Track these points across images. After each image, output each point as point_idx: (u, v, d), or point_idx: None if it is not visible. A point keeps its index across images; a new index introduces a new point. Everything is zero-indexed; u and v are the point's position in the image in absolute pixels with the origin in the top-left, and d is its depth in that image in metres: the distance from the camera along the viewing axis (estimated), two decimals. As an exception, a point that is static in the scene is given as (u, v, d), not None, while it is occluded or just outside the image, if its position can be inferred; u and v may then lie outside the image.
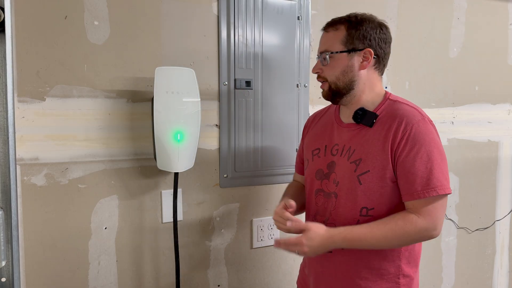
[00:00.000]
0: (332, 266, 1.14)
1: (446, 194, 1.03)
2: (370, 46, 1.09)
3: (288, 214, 1.07)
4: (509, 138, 2.02)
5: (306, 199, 1.24)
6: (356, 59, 1.10)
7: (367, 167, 1.06)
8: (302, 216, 1.61)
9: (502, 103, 1.99)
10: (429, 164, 1.01)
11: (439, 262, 1.92)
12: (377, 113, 1.10)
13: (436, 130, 1.08)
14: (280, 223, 1.09)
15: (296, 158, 1.38)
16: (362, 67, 1.10)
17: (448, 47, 1.84)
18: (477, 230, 1.99)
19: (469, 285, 2.01)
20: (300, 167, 1.34)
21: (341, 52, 1.09)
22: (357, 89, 1.11)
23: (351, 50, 1.09)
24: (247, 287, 1.55)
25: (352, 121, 1.13)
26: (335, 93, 1.12)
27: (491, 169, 2.00)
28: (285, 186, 1.53)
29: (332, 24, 1.13)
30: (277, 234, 1.56)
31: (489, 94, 1.95)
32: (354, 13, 1.13)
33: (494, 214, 2.03)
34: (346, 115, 1.16)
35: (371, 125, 1.09)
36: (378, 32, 1.11)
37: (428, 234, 1.03)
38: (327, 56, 1.10)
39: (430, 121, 1.07)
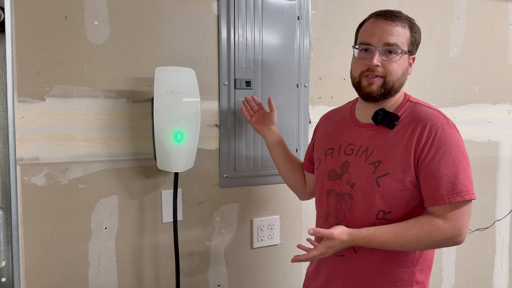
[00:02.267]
0: (344, 270, 1.11)
1: (471, 200, 1.00)
2: (414, 53, 1.11)
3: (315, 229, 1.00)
4: (509, 138, 2.02)
5: (317, 200, 1.22)
6: (409, 63, 1.09)
7: (386, 170, 1.03)
8: (311, 215, 1.61)
9: (502, 103, 1.99)
10: (455, 169, 0.98)
11: (439, 262, 1.92)
12: (398, 114, 1.07)
13: (459, 134, 1.05)
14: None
15: (305, 154, 1.36)
16: (409, 71, 1.11)
17: (448, 47, 1.84)
18: (477, 230, 1.99)
19: (469, 285, 2.01)
20: (307, 164, 1.33)
21: (407, 53, 1.06)
22: (400, 92, 1.11)
23: (410, 53, 1.08)
24: (247, 287, 1.55)
25: (371, 121, 1.10)
26: (387, 92, 1.06)
27: (491, 169, 2.00)
28: (285, 186, 1.53)
29: (398, 18, 1.05)
30: (277, 234, 1.56)
31: (489, 94, 1.95)
32: (408, 15, 1.09)
33: (494, 214, 2.03)
34: (364, 115, 1.13)
35: (392, 127, 1.06)
36: (420, 40, 1.13)
37: (454, 240, 1.00)
38: (400, 53, 1.04)
39: (454, 125, 1.05)
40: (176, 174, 1.30)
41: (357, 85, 1.09)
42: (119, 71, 1.30)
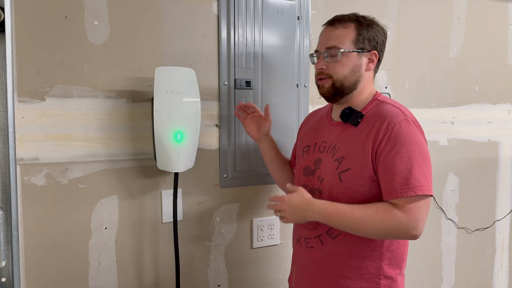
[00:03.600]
0: (313, 262, 1.16)
1: (427, 196, 1.02)
2: (375, 49, 1.12)
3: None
4: (509, 138, 2.02)
5: None
6: (364, 60, 1.11)
7: (348, 165, 1.08)
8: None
9: (502, 103, 1.99)
10: (409, 164, 1.01)
11: (439, 262, 1.92)
12: (363, 112, 1.11)
13: (421, 131, 1.08)
14: None
15: (291, 153, 1.42)
16: (368, 68, 1.12)
17: (448, 47, 1.84)
18: (477, 230, 1.99)
19: (469, 285, 2.01)
20: (293, 162, 1.39)
21: (352, 51, 1.09)
22: (358, 89, 1.13)
23: (360, 50, 1.10)
24: (247, 287, 1.55)
25: (340, 120, 1.15)
26: (338, 91, 1.12)
27: (491, 169, 2.00)
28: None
29: (340, 21, 1.11)
30: (277, 234, 1.56)
31: (489, 94, 1.95)
32: (359, 14, 1.13)
33: (494, 214, 2.03)
34: (336, 114, 1.18)
35: (356, 124, 1.10)
36: (382, 35, 1.14)
37: (408, 232, 1.02)
38: (339, 53, 1.09)
39: (415, 122, 1.08)
40: (176, 174, 1.30)
41: (317, 87, 1.17)
42: (119, 71, 1.30)
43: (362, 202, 1.07)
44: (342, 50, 1.09)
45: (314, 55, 1.17)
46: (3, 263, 0.96)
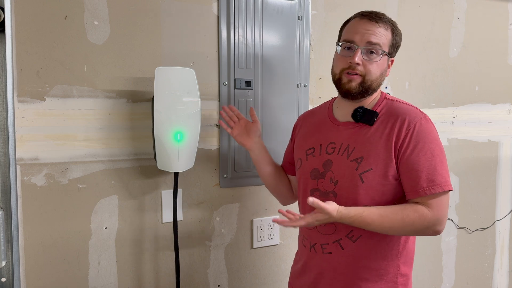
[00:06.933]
0: (332, 267, 1.13)
1: (449, 191, 1.04)
2: (393, 56, 1.12)
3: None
4: (509, 138, 2.02)
5: (301, 199, 1.23)
6: (388, 64, 1.12)
7: (369, 165, 1.06)
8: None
9: (502, 103, 1.99)
10: (433, 161, 1.02)
11: (439, 262, 1.92)
12: (377, 111, 1.10)
13: (435, 128, 1.09)
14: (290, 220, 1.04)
15: (284, 158, 1.35)
16: (387, 73, 1.13)
17: (448, 47, 1.84)
18: (477, 230, 1.99)
19: (469, 285, 2.01)
20: (288, 167, 1.33)
21: (387, 54, 1.09)
22: (376, 91, 1.13)
23: (389, 55, 1.10)
24: (247, 287, 1.55)
25: (349, 120, 1.13)
26: (365, 90, 1.09)
27: (491, 169, 2.00)
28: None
29: (382, 20, 1.08)
30: (277, 234, 1.56)
31: (489, 94, 1.95)
32: (391, 18, 1.12)
33: (494, 214, 2.03)
34: (343, 114, 1.15)
35: (372, 123, 1.08)
36: (400, 44, 1.14)
37: (434, 229, 1.03)
38: (381, 53, 1.07)
39: (430, 120, 1.09)
40: (176, 174, 1.30)
41: (337, 81, 1.12)
42: (119, 71, 1.30)
43: (384, 201, 1.06)
44: (383, 51, 1.07)
45: (347, 45, 1.09)
46: (3, 263, 0.96)
